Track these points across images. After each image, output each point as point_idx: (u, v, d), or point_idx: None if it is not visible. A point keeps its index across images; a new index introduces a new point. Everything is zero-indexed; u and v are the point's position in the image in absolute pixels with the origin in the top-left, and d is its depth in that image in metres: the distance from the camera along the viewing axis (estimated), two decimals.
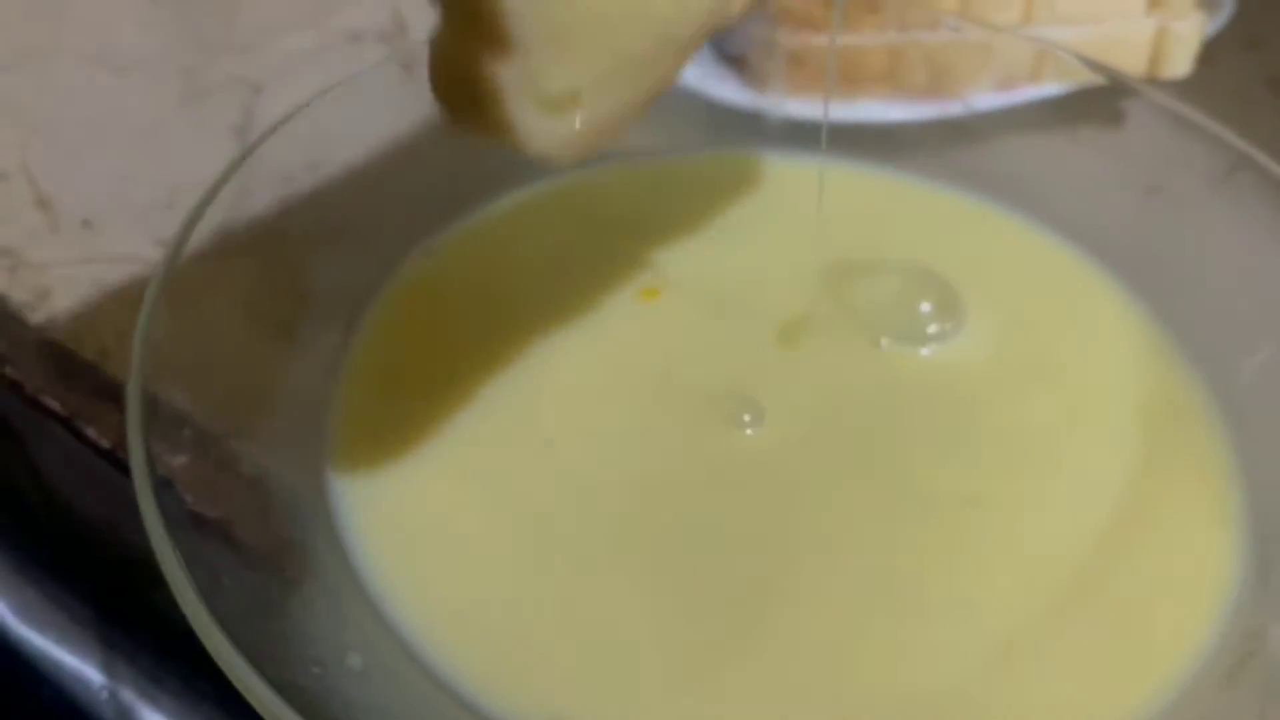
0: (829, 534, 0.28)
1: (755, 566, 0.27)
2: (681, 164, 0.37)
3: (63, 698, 0.31)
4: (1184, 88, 0.43)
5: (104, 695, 0.31)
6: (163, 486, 0.30)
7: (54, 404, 0.31)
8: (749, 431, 0.30)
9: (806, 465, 0.29)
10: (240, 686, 0.21)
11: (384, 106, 0.34)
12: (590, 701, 0.24)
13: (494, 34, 0.19)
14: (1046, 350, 0.33)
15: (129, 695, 0.30)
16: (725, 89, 0.39)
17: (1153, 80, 0.42)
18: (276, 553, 0.26)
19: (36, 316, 0.33)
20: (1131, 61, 0.42)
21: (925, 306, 0.32)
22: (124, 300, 0.33)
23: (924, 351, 0.32)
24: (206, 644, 0.21)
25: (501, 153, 0.36)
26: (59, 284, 0.34)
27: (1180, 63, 0.42)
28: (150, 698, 0.30)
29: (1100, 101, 0.37)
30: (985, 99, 0.38)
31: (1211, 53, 0.43)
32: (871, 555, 0.27)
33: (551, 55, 0.20)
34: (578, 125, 0.21)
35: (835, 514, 0.28)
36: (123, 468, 0.30)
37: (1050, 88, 0.37)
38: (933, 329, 0.32)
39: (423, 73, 0.35)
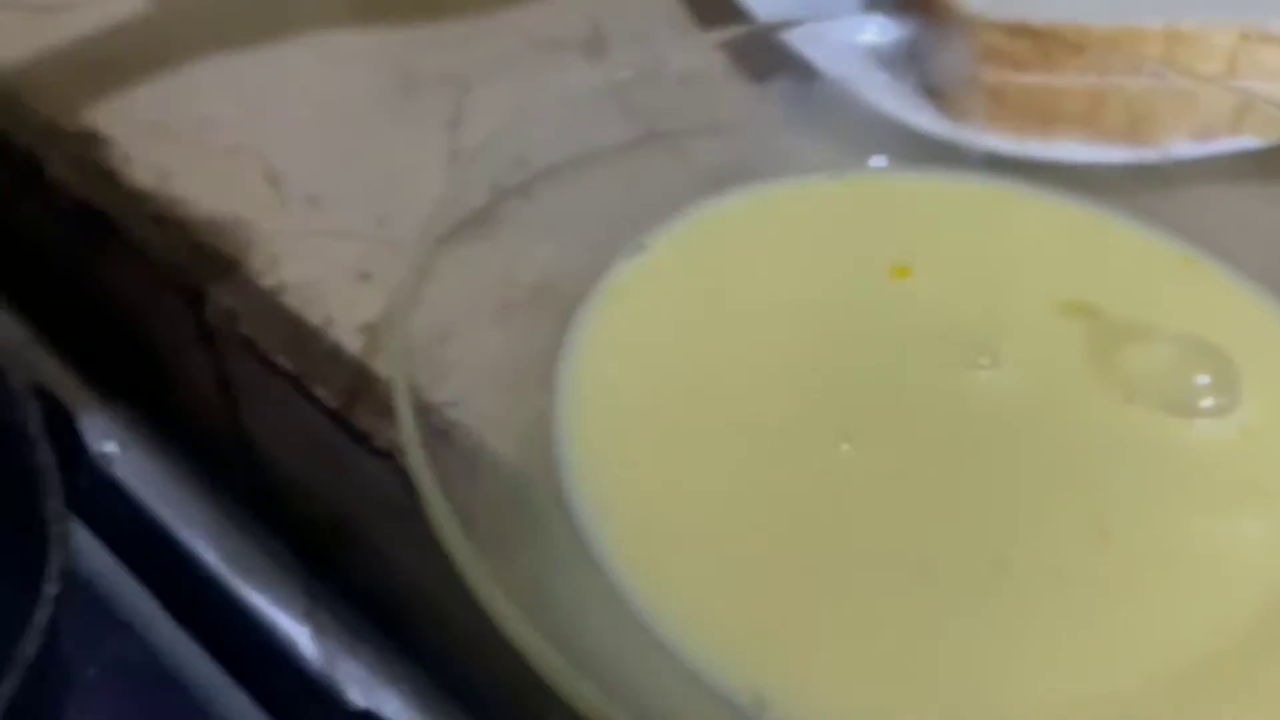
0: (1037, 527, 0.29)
1: (987, 544, 0.28)
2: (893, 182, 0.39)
3: (269, 642, 0.32)
4: None
5: (308, 642, 0.32)
6: (383, 456, 0.31)
7: (285, 363, 0.33)
8: (984, 373, 0.31)
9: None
10: (503, 625, 0.22)
11: (590, 127, 0.36)
12: (812, 683, 0.25)
13: None
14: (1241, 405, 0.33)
15: (331, 644, 0.32)
16: (922, 118, 0.40)
17: None
18: (495, 517, 0.27)
19: (268, 281, 0.35)
20: None
21: (1203, 379, 0.32)
22: (347, 272, 0.35)
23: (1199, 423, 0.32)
24: (473, 585, 0.22)
25: (704, 163, 0.38)
26: (286, 254, 0.36)
27: None
28: (350, 649, 0.32)
29: None
30: (1182, 147, 0.39)
31: None
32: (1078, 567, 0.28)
33: None
34: None
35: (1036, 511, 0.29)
36: (346, 429, 0.31)
37: (1249, 140, 0.37)
38: (1207, 403, 0.32)
39: (631, 96, 0.37)
